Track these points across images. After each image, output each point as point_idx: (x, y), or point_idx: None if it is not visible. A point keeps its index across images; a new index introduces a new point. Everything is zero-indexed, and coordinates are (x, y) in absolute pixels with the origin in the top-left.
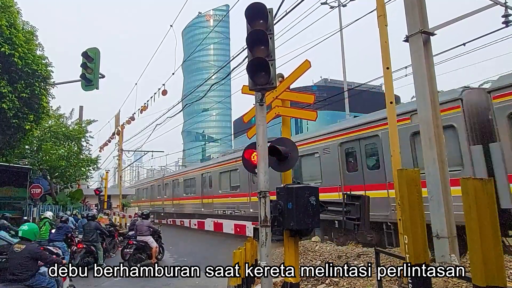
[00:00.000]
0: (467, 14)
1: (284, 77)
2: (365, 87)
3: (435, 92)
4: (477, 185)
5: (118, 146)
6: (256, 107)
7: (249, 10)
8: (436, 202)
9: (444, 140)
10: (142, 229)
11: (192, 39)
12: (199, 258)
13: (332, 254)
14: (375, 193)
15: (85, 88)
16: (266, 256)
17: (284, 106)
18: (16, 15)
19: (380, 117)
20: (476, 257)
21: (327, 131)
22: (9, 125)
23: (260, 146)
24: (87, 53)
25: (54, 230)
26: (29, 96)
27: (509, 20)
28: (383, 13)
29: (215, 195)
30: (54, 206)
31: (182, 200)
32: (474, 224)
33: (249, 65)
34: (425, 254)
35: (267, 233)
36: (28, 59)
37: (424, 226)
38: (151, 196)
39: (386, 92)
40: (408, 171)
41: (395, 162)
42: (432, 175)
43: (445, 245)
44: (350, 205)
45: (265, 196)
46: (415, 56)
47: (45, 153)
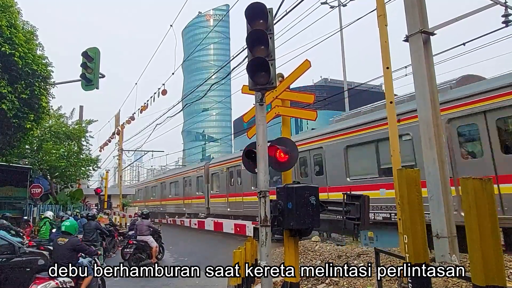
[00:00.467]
0: (467, 14)
1: (284, 77)
2: (365, 87)
3: (435, 92)
4: (476, 185)
5: (118, 146)
6: (256, 107)
7: (249, 10)
8: (436, 202)
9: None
10: (142, 229)
11: (192, 38)
12: (199, 258)
13: (332, 254)
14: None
15: (85, 88)
16: (266, 256)
17: (284, 106)
18: (16, 15)
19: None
20: (476, 256)
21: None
22: (9, 125)
23: (260, 146)
24: (87, 52)
25: (54, 230)
26: (29, 96)
27: (509, 20)
28: (383, 12)
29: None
30: (55, 205)
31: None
32: (474, 223)
33: (249, 65)
34: (425, 253)
35: (267, 232)
36: (28, 59)
37: (424, 226)
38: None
39: (386, 92)
40: (408, 171)
41: (394, 162)
42: (432, 175)
43: (445, 244)
44: (350, 205)
45: (265, 196)
46: (415, 55)
47: (46, 153)
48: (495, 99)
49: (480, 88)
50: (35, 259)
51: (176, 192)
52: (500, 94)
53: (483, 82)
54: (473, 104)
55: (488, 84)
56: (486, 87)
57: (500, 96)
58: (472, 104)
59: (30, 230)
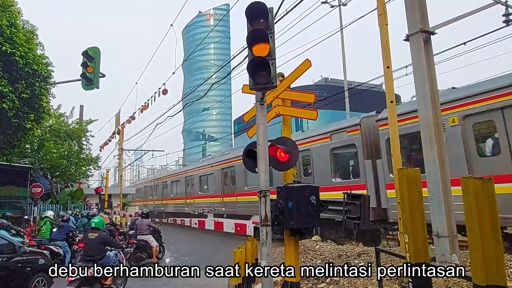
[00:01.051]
0: (467, 13)
1: (285, 77)
2: (366, 86)
3: (436, 91)
4: (477, 184)
5: (119, 145)
6: (257, 106)
7: (249, 9)
8: (437, 202)
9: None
10: (142, 228)
11: (192, 38)
12: (200, 258)
13: (333, 253)
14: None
15: (86, 88)
16: (267, 255)
17: (284, 105)
18: (17, 14)
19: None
20: (476, 256)
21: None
22: (10, 124)
23: (260, 146)
24: (87, 52)
25: (55, 229)
26: (30, 96)
27: (509, 19)
28: (384, 12)
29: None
30: (55, 205)
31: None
32: (474, 223)
33: (249, 64)
34: (425, 253)
35: (267, 232)
36: (29, 59)
37: (424, 225)
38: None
39: (386, 91)
40: (409, 171)
41: (395, 161)
42: (433, 175)
43: (446, 244)
44: (350, 204)
45: (265, 196)
46: (415, 55)
47: (46, 152)
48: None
49: (497, 83)
50: (35, 258)
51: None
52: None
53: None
54: (490, 100)
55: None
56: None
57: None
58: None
59: (31, 230)
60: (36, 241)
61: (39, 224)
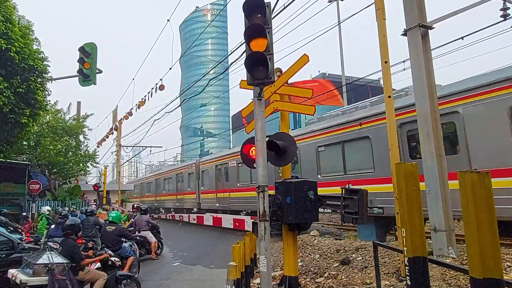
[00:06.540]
0: (465, 7)
1: (282, 72)
2: (363, 81)
3: (433, 86)
4: (474, 178)
5: (117, 142)
6: (255, 102)
7: (247, 4)
8: (434, 196)
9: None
10: (141, 224)
11: (189, 33)
12: (199, 253)
13: (331, 248)
14: None
15: (83, 84)
16: (265, 250)
17: (282, 100)
18: (12, 9)
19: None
20: (473, 249)
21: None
22: (6, 121)
23: (258, 141)
24: (84, 48)
25: (53, 226)
26: (25, 91)
27: (507, 14)
28: (382, 6)
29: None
30: (53, 202)
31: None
32: (471, 217)
33: (247, 59)
34: (422, 247)
35: (266, 227)
36: (25, 54)
37: (421, 219)
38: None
39: (384, 86)
40: (406, 165)
41: (392, 157)
42: (430, 169)
43: (443, 238)
44: (348, 199)
45: (263, 191)
46: (413, 49)
47: (44, 149)
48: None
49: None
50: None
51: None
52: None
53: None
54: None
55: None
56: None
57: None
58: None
59: (29, 226)
60: (34, 238)
61: (37, 220)
